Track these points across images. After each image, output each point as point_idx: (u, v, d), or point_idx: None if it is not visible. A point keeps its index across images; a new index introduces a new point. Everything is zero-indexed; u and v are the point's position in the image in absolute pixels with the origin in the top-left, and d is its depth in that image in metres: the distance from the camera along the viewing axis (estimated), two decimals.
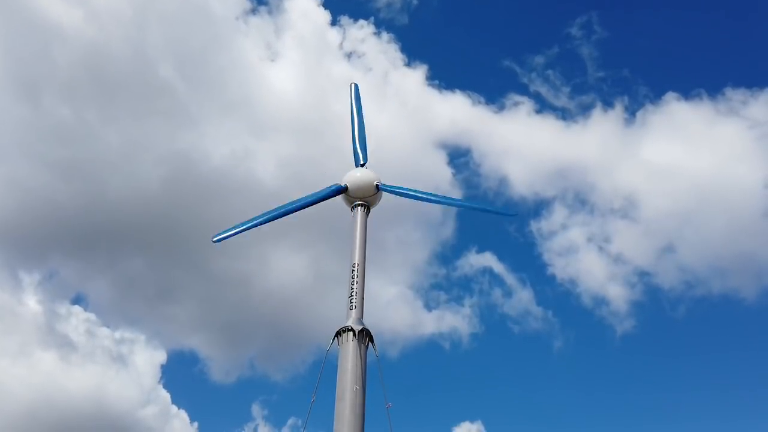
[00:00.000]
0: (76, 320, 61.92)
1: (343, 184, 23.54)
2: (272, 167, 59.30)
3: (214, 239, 24.07)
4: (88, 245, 60.89)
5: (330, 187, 23.67)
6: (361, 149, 25.09)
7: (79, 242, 60.77)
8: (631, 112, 76.32)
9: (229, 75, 63.61)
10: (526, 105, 75.64)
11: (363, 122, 26.03)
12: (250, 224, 23.78)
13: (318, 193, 23.67)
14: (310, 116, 64.77)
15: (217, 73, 63.00)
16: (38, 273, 62.16)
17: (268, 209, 24.03)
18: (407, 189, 24.05)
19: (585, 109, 77.85)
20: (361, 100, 26.98)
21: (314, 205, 23.96)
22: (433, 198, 25.34)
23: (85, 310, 64.12)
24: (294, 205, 23.82)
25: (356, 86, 27.63)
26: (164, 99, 59.44)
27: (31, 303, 59.27)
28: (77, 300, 69.08)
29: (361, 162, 24.63)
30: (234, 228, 23.85)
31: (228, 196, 55.12)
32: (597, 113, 76.80)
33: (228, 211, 53.86)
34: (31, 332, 57.15)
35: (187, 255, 62.46)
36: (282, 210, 23.78)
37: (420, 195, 24.60)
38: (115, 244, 60.22)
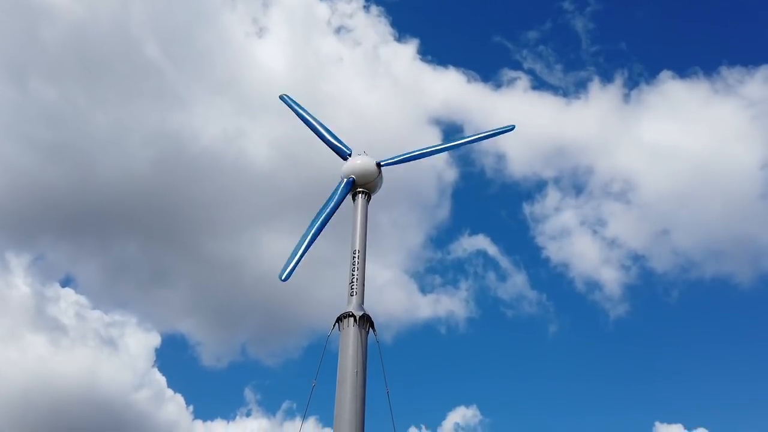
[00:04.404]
0: (66, 303, 61.69)
1: (350, 178, 23.43)
2: (264, 148, 58.95)
3: (282, 278, 21.37)
4: (78, 227, 60.55)
5: (341, 186, 23.31)
6: (337, 142, 25.13)
7: (68, 224, 60.40)
8: (629, 87, 75.63)
9: (216, 52, 62.96)
10: (523, 81, 74.97)
11: (316, 122, 26.38)
12: (303, 247, 22.00)
13: (334, 194, 23.12)
14: (299, 94, 64.13)
15: (204, 50, 62.33)
16: (27, 255, 61.76)
17: (260, 190, 24.20)
18: (405, 153, 24.54)
19: (582, 85, 77.17)
20: (297, 104, 27.91)
21: (308, 186, 24.19)
22: (434, 150, 25.83)
23: (75, 292, 63.90)
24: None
25: (285, 97, 28.43)
26: (151, 79, 58.80)
27: (20, 285, 58.94)
28: (66, 282, 68.77)
29: (348, 152, 24.58)
30: (293, 257, 21.70)
31: (219, 177, 54.86)
32: (595, 88, 75.90)
33: (220, 193, 53.64)
34: (20, 315, 56.93)
35: (178, 238, 62.22)
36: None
37: (421, 152, 25.10)
38: (105, 227, 59.90)
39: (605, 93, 75.22)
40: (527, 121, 71.38)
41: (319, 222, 22.20)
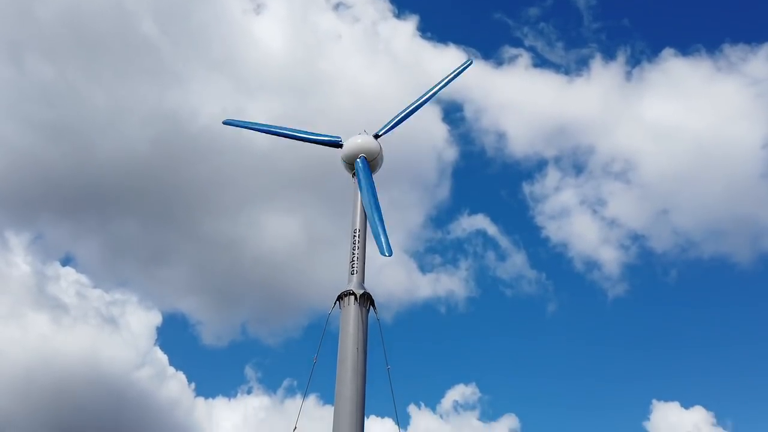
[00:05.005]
0: (66, 282, 61.96)
1: (361, 156, 23.43)
2: None
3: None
4: (77, 206, 60.61)
5: (359, 166, 23.19)
6: (320, 136, 25.22)
7: (67, 203, 60.45)
8: (632, 65, 75.04)
9: (213, 30, 62.60)
10: (524, 59, 74.41)
11: (284, 129, 26.39)
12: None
13: (359, 174, 23.00)
14: (298, 73, 63.95)
15: (201, 27, 61.99)
16: (27, 234, 61.91)
17: (260, 170, 24.63)
18: (396, 117, 24.95)
19: (583, 63, 76.51)
20: (245, 122, 28.95)
21: (307, 168, 24.38)
22: (418, 104, 26.10)
23: (75, 271, 64.14)
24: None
25: (231, 121, 28.99)
26: (148, 57, 58.55)
27: (21, 264, 59.16)
28: (66, 261, 69.02)
29: (338, 139, 24.54)
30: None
31: (218, 157, 54.77)
32: (597, 66, 75.29)
33: (219, 172, 53.60)
34: (21, 294, 57.21)
35: (177, 217, 62.34)
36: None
37: (408, 111, 25.50)
38: (104, 206, 59.99)
39: (607, 71, 74.78)
40: (528, 99, 71.16)
41: (372, 200, 21.94)
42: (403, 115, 25.32)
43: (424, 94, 26.72)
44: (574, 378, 67.64)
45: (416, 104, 26.01)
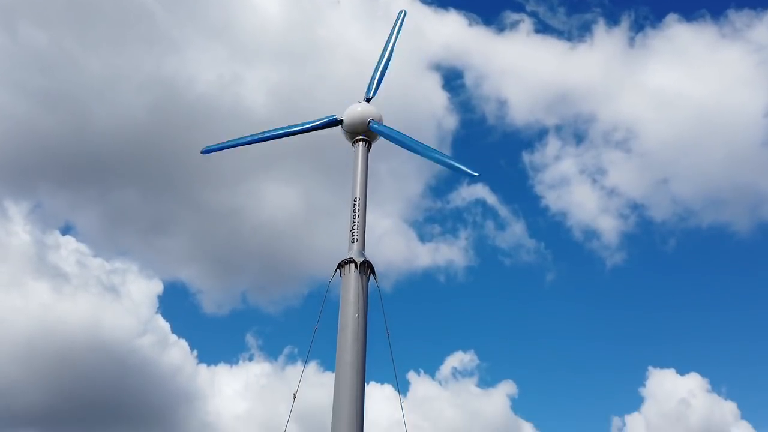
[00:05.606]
0: (66, 250, 62.20)
1: (370, 119, 23.15)
2: (262, 95, 58.54)
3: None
4: (75, 175, 60.60)
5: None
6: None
7: (65, 172, 60.44)
8: (635, 31, 74.18)
9: None
10: (526, 24, 73.68)
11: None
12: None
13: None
14: (296, 40, 63.38)
15: None
16: (26, 203, 61.95)
17: (263, 142, 24.15)
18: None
19: (586, 29, 75.66)
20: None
21: (307, 136, 23.99)
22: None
23: (76, 240, 64.35)
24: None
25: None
26: (144, 24, 57.92)
27: (20, 233, 59.31)
28: (66, 230, 69.22)
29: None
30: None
31: (216, 125, 54.56)
32: (600, 32, 74.47)
33: (217, 140, 53.30)
34: (21, 262, 57.47)
35: (176, 186, 62.34)
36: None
37: (381, 66, 24.63)
38: (103, 174, 59.96)
39: (610, 37, 74.11)
40: (530, 66, 70.60)
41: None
42: (379, 74, 24.68)
43: (389, 43, 26.03)
44: (571, 346, 68.63)
45: (387, 56, 25.38)
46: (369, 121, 23.11)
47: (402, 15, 26.86)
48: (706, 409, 58.62)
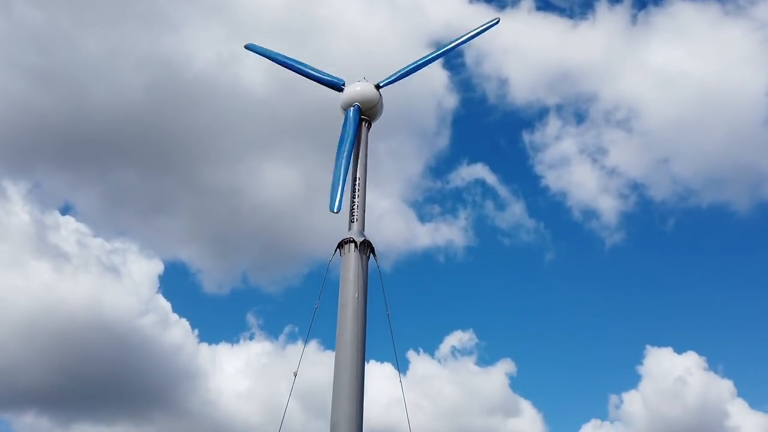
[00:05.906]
0: (66, 230, 62.21)
1: (355, 105, 22.95)
2: (260, 74, 58.05)
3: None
4: (74, 155, 60.42)
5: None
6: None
7: (64, 151, 60.27)
8: (638, 8, 73.47)
9: None
10: (527, 1, 72.94)
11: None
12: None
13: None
14: (295, 17, 62.81)
15: None
16: (24, 183, 61.82)
17: (258, 117, 24.22)
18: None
19: (588, 6, 74.87)
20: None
21: (308, 117, 23.99)
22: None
23: (75, 220, 64.34)
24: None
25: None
26: (140, 1, 57.41)
27: (20, 213, 59.28)
28: (65, 210, 69.19)
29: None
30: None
31: (215, 104, 54.30)
32: (602, 9, 73.66)
33: (216, 120, 53.20)
34: (21, 242, 57.48)
35: (175, 165, 62.23)
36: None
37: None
38: (101, 154, 59.80)
39: (613, 14, 73.41)
40: (531, 44, 70.00)
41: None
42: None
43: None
44: (570, 325, 68.97)
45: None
46: (354, 104, 22.82)
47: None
48: (703, 387, 59.13)
